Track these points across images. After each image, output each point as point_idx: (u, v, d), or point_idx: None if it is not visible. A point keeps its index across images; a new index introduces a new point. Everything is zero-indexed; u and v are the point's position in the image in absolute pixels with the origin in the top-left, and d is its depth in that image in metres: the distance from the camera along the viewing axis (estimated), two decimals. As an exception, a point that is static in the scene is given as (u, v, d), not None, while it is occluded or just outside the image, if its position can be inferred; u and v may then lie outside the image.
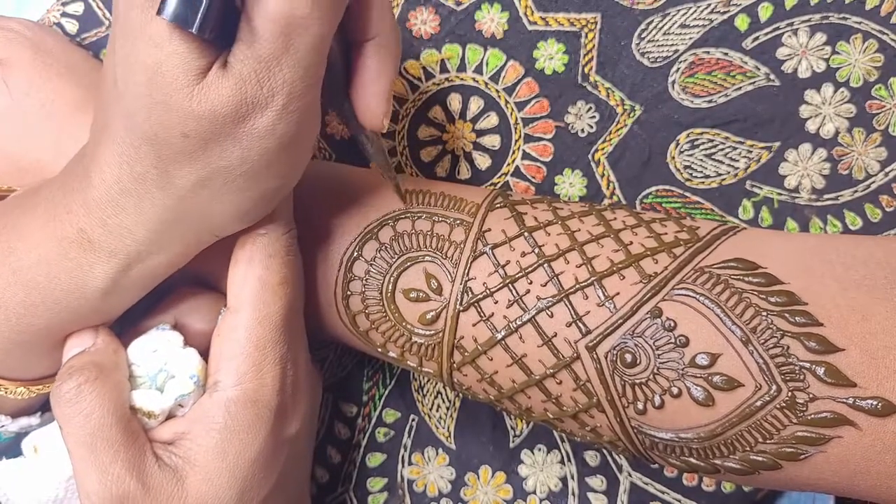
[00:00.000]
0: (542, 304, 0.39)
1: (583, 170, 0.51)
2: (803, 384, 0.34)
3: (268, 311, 0.39)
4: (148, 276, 0.38)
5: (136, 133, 0.33)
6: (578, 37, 0.50)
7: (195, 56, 0.31)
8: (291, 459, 0.43)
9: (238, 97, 0.31)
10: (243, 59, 0.31)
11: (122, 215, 0.36)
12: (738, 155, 0.49)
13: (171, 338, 0.40)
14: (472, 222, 0.41)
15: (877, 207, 0.49)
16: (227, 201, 0.36)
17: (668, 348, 0.36)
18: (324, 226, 0.43)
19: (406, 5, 0.51)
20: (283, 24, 0.30)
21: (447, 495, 0.53)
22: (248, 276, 0.39)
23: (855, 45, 0.48)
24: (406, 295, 0.41)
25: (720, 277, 0.36)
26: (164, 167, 0.34)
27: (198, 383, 0.39)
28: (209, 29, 0.30)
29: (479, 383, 0.42)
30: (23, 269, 0.38)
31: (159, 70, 0.31)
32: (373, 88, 0.37)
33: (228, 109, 0.32)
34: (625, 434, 0.39)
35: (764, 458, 0.35)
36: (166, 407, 0.39)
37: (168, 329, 0.41)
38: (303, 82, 0.32)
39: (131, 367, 0.40)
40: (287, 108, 0.33)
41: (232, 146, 0.33)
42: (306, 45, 0.31)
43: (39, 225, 0.37)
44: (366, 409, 0.54)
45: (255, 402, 0.39)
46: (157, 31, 0.30)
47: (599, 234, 0.40)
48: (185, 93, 0.31)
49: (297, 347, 0.41)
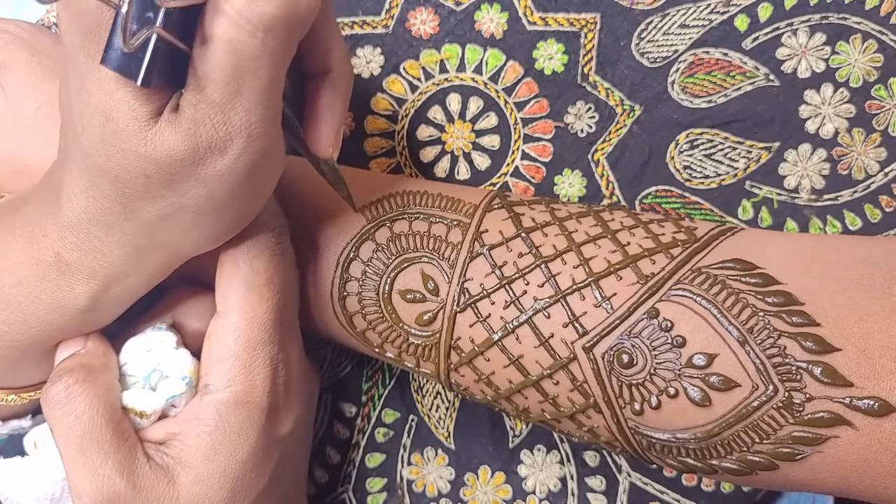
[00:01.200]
0: (538, 304, 0.39)
1: (582, 170, 0.51)
2: (800, 384, 0.34)
3: (255, 312, 0.39)
4: (130, 293, 0.38)
5: (97, 172, 0.33)
6: (578, 37, 0.50)
7: (143, 102, 0.30)
8: (285, 459, 0.43)
9: (192, 141, 0.31)
10: (195, 104, 0.30)
11: (94, 241, 0.36)
12: (738, 155, 0.49)
13: (164, 338, 0.41)
14: (469, 223, 0.41)
15: (876, 208, 0.49)
16: (197, 231, 0.36)
17: (665, 349, 0.36)
18: (320, 226, 0.43)
19: (405, 5, 0.51)
20: (232, 71, 0.29)
21: (446, 495, 0.53)
22: (234, 278, 0.39)
23: (854, 46, 0.48)
24: (403, 296, 0.41)
25: (717, 278, 0.36)
26: (129, 204, 0.34)
27: (190, 384, 0.40)
28: (155, 78, 0.29)
29: (476, 384, 0.42)
30: (3, 288, 0.38)
31: (111, 116, 0.31)
32: (324, 122, 0.37)
33: (184, 154, 0.31)
34: (622, 435, 0.38)
35: (761, 458, 0.35)
36: (158, 407, 0.39)
37: (164, 329, 0.41)
38: (261, 123, 0.32)
39: (124, 366, 0.40)
40: (248, 149, 0.32)
41: (195, 186, 0.33)
42: (259, 88, 0.30)
43: (18, 247, 0.37)
44: (365, 409, 0.54)
45: (246, 403, 0.39)
46: (104, 78, 0.30)
47: (597, 235, 0.40)
48: (138, 138, 0.31)
49: (289, 346, 0.41)
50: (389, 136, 0.52)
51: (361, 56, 0.51)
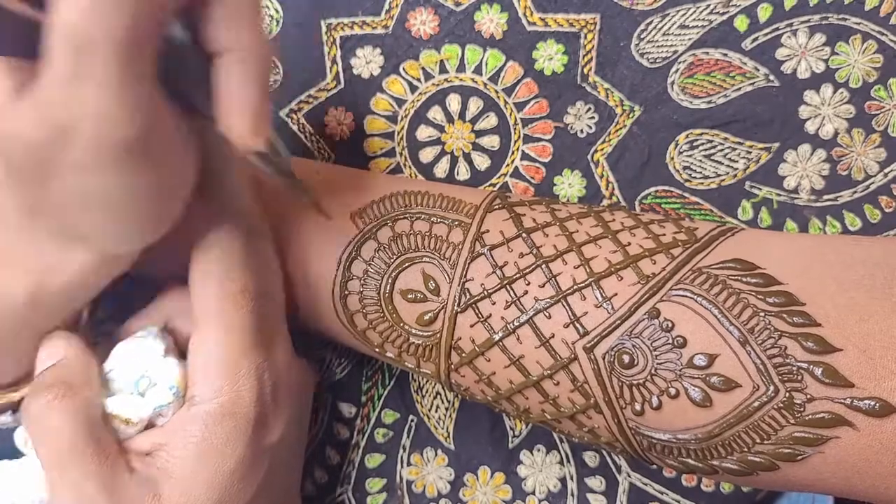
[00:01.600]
0: (539, 305, 0.39)
1: (582, 170, 0.51)
2: (801, 385, 0.34)
3: (232, 321, 0.38)
4: (70, 292, 0.37)
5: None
6: (578, 37, 0.50)
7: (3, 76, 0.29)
8: (275, 467, 0.42)
9: (46, 121, 0.28)
10: (47, 82, 0.28)
11: (10, 235, 0.35)
12: (738, 156, 0.49)
13: (152, 345, 0.40)
14: (470, 223, 0.41)
15: (876, 208, 0.49)
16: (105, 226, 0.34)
17: (666, 349, 0.36)
18: (321, 225, 0.43)
19: (405, 6, 0.51)
20: (70, 43, 0.26)
21: (446, 496, 0.53)
22: (207, 287, 0.38)
23: (854, 46, 0.48)
24: (404, 295, 0.41)
25: (718, 278, 0.36)
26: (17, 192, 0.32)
27: (177, 394, 0.39)
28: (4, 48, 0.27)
29: (476, 384, 0.42)
30: None
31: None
32: (235, 107, 0.32)
33: (41, 133, 0.29)
34: (622, 435, 0.38)
35: (761, 458, 0.35)
36: (145, 415, 0.39)
37: (153, 335, 0.40)
38: (117, 106, 0.28)
39: (110, 372, 0.39)
40: (104, 135, 0.29)
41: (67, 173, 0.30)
42: (104, 64, 0.27)
43: None
44: (364, 409, 0.54)
45: (233, 414, 0.38)
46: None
47: (597, 236, 0.40)
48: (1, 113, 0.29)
49: (274, 351, 0.40)
50: (389, 137, 0.52)
51: (361, 56, 0.51)
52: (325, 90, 0.52)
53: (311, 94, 0.52)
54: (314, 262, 0.43)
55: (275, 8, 0.51)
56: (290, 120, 0.52)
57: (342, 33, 0.51)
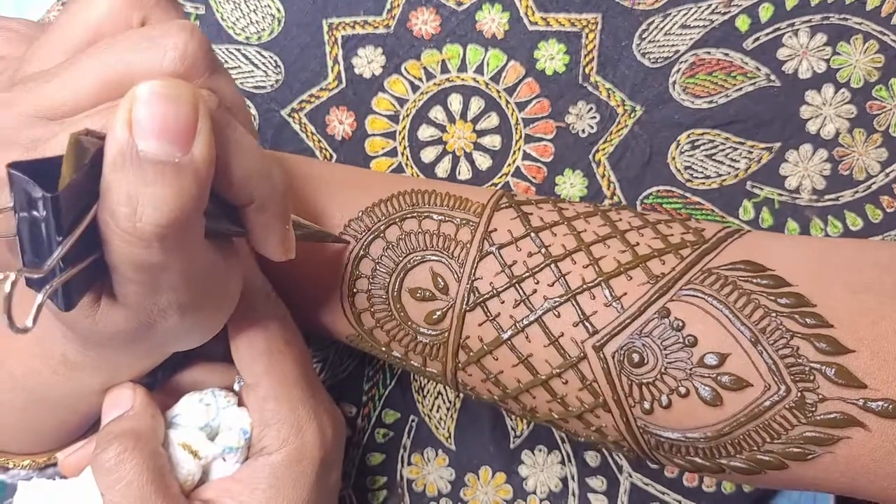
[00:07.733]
0: (548, 304, 0.38)
1: (583, 170, 0.51)
2: (813, 385, 0.34)
3: (284, 374, 0.40)
4: (138, 376, 0.40)
5: None
6: (579, 37, 0.50)
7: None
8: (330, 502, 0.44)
9: (135, 321, 0.32)
10: (124, 295, 0.31)
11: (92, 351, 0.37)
12: (739, 155, 0.49)
13: (222, 395, 0.41)
14: (478, 222, 0.41)
15: (877, 208, 0.49)
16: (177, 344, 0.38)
17: (677, 348, 0.36)
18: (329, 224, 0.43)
19: (407, 6, 0.51)
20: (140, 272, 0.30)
21: (447, 495, 0.53)
22: (253, 348, 0.40)
23: (855, 46, 0.48)
24: (412, 294, 0.41)
25: (728, 279, 0.36)
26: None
27: (248, 440, 0.40)
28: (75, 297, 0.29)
29: (483, 383, 0.41)
30: (17, 377, 0.39)
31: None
32: (266, 243, 0.35)
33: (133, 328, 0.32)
34: (630, 434, 0.38)
35: (771, 457, 0.35)
36: (211, 454, 0.39)
37: (221, 390, 0.42)
38: (189, 295, 0.32)
39: (176, 417, 0.40)
40: (186, 313, 0.33)
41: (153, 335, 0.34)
42: (174, 274, 0.30)
43: (22, 346, 0.38)
44: (365, 409, 0.53)
45: (300, 460, 0.40)
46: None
47: (606, 235, 0.40)
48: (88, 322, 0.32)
49: (319, 394, 0.42)
50: (391, 137, 0.52)
51: (363, 56, 0.51)
52: (326, 90, 0.52)
53: (312, 94, 0.52)
54: (322, 261, 0.43)
55: (276, 7, 0.51)
56: (292, 119, 0.52)
57: (344, 33, 0.51)
